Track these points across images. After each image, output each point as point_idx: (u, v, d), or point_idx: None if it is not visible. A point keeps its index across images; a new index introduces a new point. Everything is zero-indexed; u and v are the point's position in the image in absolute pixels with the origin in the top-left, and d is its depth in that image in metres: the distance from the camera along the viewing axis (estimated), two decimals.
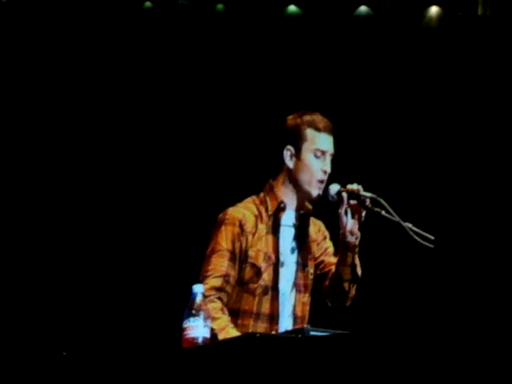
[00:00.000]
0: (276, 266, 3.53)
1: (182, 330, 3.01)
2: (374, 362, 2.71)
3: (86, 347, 4.91)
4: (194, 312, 3.01)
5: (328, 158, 3.55)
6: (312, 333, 2.84)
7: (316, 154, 3.53)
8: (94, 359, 3.43)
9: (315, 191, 3.53)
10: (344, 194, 3.48)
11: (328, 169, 3.54)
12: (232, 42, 5.78)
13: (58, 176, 5.40)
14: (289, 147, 3.57)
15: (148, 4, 5.82)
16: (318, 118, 3.56)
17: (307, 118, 3.56)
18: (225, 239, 3.49)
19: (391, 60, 5.86)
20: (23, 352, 4.97)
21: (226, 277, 3.46)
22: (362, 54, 5.85)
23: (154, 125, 5.61)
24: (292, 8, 5.96)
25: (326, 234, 3.71)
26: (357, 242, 3.52)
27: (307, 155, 3.54)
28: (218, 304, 3.43)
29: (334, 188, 3.51)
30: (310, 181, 3.53)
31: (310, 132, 3.54)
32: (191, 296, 3.04)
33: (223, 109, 5.58)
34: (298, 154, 3.55)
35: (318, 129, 3.54)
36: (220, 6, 5.89)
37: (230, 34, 5.79)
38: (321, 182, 3.52)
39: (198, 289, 3.04)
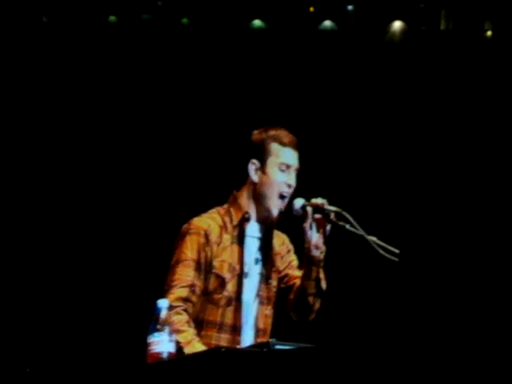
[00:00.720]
0: (240, 276, 3.52)
1: (146, 345, 2.99)
2: (339, 376, 2.71)
3: (49, 363, 4.87)
4: (158, 327, 2.99)
5: (293, 173, 3.56)
6: (278, 346, 2.84)
7: (281, 168, 3.54)
8: (60, 375, 3.40)
9: (275, 209, 3.53)
10: (309, 209, 3.49)
11: (293, 183, 3.55)
12: (197, 56, 5.78)
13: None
14: (254, 161, 3.57)
15: (112, 18, 5.81)
16: (283, 133, 3.57)
17: (272, 132, 3.57)
18: (190, 249, 3.47)
19: (355, 74, 5.90)
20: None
21: (192, 287, 3.45)
22: (327, 68, 5.88)
23: (124, 136, 5.60)
24: (257, 22, 5.98)
25: (291, 247, 3.71)
26: (322, 256, 3.52)
27: (272, 169, 3.54)
28: (184, 316, 3.41)
29: (299, 202, 3.52)
30: (273, 196, 3.53)
31: (274, 146, 3.55)
32: (155, 311, 3.02)
33: (189, 121, 5.58)
34: (262, 168, 3.55)
35: (282, 143, 3.55)
36: (185, 20, 5.90)
37: (195, 48, 5.80)
38: (283, 197, 3.52)
39: (163, 303, 3.03)
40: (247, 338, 3.51)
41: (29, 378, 3.90)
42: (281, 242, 3.68)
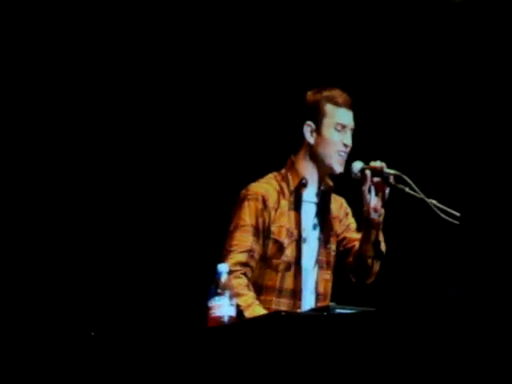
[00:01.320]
0: (298, 241, 3.53)
1: (207, 308, 3.02)
2: (400, 340, 2.71)
3: (111, 327, 4.94)
4: (219, 291, 3.02)
5: (348, 132, 3.55)
6: (337, 310, 2.84)
7: (336, 128, 3.54)
8: (120, 339, 3.44)
9: (337, 165, 3.54)
10: (367, 172, 3.48)
11: (349, 142, 3.55)
12: (248, 14, 5.73)
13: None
14: (309, 123, 3.57)
15: None
16: (338, 93, 3.56)
17: (326, 93, 3.57)
18: (248, 215, 3.50)
19: (414, 33, 5.78)
20: (50, 332, 5.01)
21: (250, 252, 3.47)
22: (383, 25, 5.78)
23: (165, 103, 5.59)
24: None
25: (348, 210, 3.71)
26: (381, 219, 3.52)
27: (328, 130, 3.54)
28: (244, 280, 3.43)
29: (357, 165, 3.51)
30: (331, 154, 3.54)
31: (329, 107, 3.54)
32: (216, 275, 3.05)
33: (242, 85, 5.55)
34: (318, 129, 3.55)
35: (337, 103, 3.54)
36: None
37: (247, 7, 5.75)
38: (342, 154, 3.52)
39: (223, 268, 3.05)
40: (307, 303, 3.52)
41: (93, 341, 3.95)
42: (338, 205, 3.68)
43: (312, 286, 3.57)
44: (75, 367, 3.58)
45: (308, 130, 3.56)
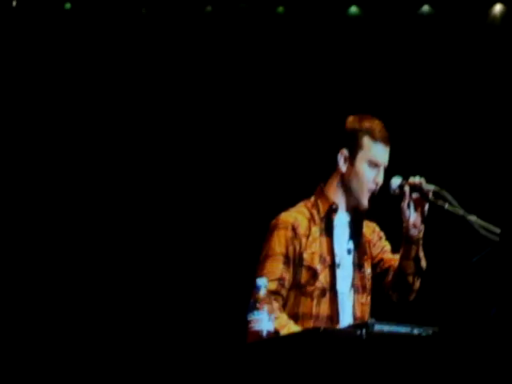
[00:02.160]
0: (332, 267, 3.51)
1: (246, 322, 3.03)
2: (441, 359, 2.69)
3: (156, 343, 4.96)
4: (257, 305, 3.02)
5: (381, 170, 3.52)
6: (376, 326, 2.83)
7: (370, 164, 3.51)
8: (164, 354, 3.46)
9: (365, 201, 3.51)
10: (406, 188, 3.46)
11: (380, 180, 3.51)
12: (292, 44, 5.78)
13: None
14: (344, 151, 3.55)
15: (209, 8, 5.86)
16: (377, 127, 3.52)
17: (366, 124, 3.52)
18: (278, 244, 3.49)
19: (454, 59, 5.80)
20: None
21: (280, 280, 3.45)
22: (425, 53, 5.80)
23: (195, 125, 5.63)
24: (353, 9, 5.95)
25: (382, 234, 3.68)
26: (420, 235, 3.49)
27: (361, 163, 3.51)
28: (276, 304, 3.40)
29: (396, 181, 3.48)
30: (361, 190, 3.51)
31: (366, 140, 3.51)
32: (254, 289, 3.05)
33: (277, 109, 5.57)
34: (352, 160, 3.53)
35: (375, 138, 3.50)
36: (280, 9, 5.91)
37: (289, 36, 5.80)
38: (372, 192, 3.50)
39: (262, 282, 3.06)
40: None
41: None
42: (371, 230, 3.66)
43: (349, 311, 3.54)
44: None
45: (342, 157, 3.54)
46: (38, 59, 5.52)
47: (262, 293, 3.04)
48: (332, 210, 3.54)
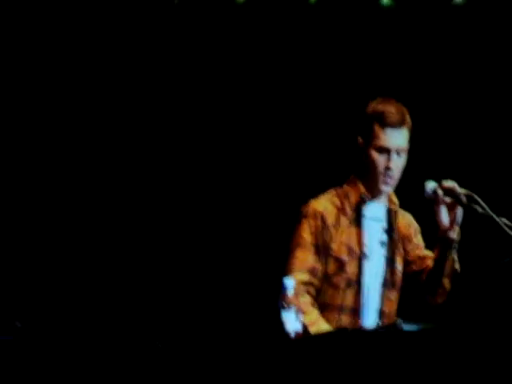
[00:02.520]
0: (360, 258, 3.50)
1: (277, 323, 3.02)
2: (466, 357, 2.68)
3: (176, 338, 4.96)
4: (285, 305, 3.02)
5: (393, 155, 3.46)
6: (404, 327, 2.82)
7: (379, 151, 3.48)
8: (188, 349, 3.47)
9: (382, 186, 3.49)
10: (439, 192, 3.44)
11: (392, 165, 3.46)
12: (321, 32, 5.73)
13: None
14: (359, 139, 3.54)
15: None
16: (387, 110, 3.47)
17: (377, 110, 3.49)
18: (307, 232, 3.48)
19: (490, 51, 5.70)
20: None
21: (312, 270, 3.45)
22: (459, 43, 5.72)
23: (212, 106, 5.59)
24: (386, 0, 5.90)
25: (417, 227, 3.65)
26: (455, 238, 3.48)
27: (371, 151, 3.49)
28: (308, 299, 3.42)
29: (430, 185, 3.47)
30: (376, 177, 3.48)
31: (376, 127, 3.47)
32: (282, 289, 3.05)
33: (309, 97, 5.53)
34: (365, 148, 3.51)
35: (384, 124, 3.46)
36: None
37: (321, 25, 5.75)
38: (386, 176, 3.47)
39: (289, 282, 3.05)
40: (368, 321, 3.48)
41: (160, 352, 3.98)
42: (406, 222, 3.63)
43: (375, 305, 3.52)
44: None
45: (358, 146, 3.54)
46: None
47: (290, 293, 3.04)
48: (362, 200, 3.53)
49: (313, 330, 3.30)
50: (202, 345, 4.54)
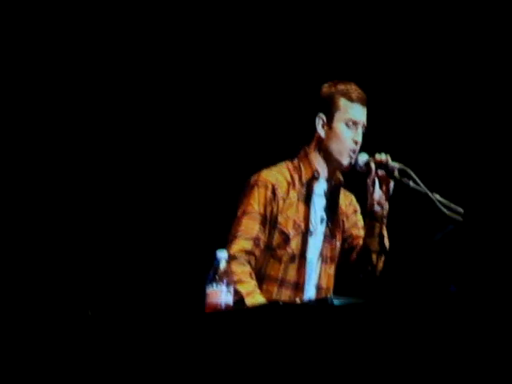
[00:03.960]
0: (305, 234, 3.51)
1: (204, 295, 3.01)
2: (398, 333, 2.70)
3: (109, 306, 4.93)
4: (217, 278, 3.00)
5: (360, 129, 3.52)
6: (336, 302, 2.82)
7: (348, 124, 3.51)
8: (116, 321, 3.43)
9: (346, 160, 3.51)
10: (372, 164, 3.45)
11: (359, 139, 3.51)
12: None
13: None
14: (321, 115, 3.55)
15: None
16: (352, 88, 3.53)
17: (341, 87, 3.54)
18: (257, 202, 3.48)
19: (428, 25, 5.71)
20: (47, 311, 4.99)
21: (256, 240, 3.46)
22: (399, 19, 5.71)
23: (177, 96, 5.57)
24: None
25: (357, 207, 3.68)
26: (384, 213, 3.49)
27: (339, 124, 3.51)
28: (247, 268, 3.42)
29: (362, 158, 3.48)
30: (341, 150, 3.50)
31: (343, 101, 3.52)
32: (214, 261, 3.03)
33: (259, 73, 5.51)
34: (329, 123, 3.53)
35: (351, 99, 3.51)
36: None
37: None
38: (352, 151, 3.49)
39: (222, 254, 3.03)
40: (309, 296, 3.50)
41: (90, 320, 3.94)
42: (348, 201, 3.66)
43: (315, 280, 3.56)
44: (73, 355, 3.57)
45: (320, 122, 3.54)
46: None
47: (222, 265, 3.02)
48: (314, 177, 3.54)
49: (248, 300, 3.31)
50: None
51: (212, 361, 2.87)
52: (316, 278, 3.55)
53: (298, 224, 3.50)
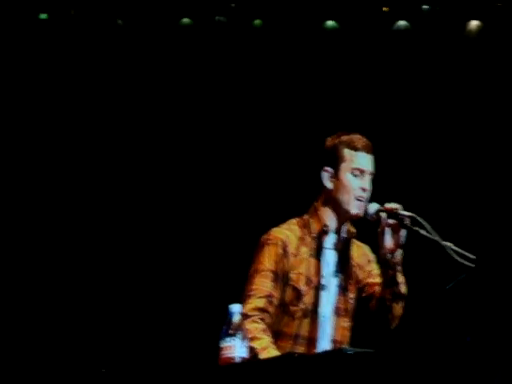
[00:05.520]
0: (317, 289, 3.50)
1: (219, 349, 2.99)
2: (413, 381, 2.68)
3: (121, 363, 4.91)
4: (230, 332, 2.99)
5: (367, 177, 3.51)
6: (349, 352, 2.81)
7: (354, 173, 3.50)
8: (132, 375, 3.42)
9: (354, 209, 3.50)
10: (383, 214, 3.44)
11: (367, 187, 3.50)
12: (270, 58, 5.75)
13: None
14: (327, 168, 3.55)
15: (186, 20, 5.82)
16: (356, 138, 3.54)
17: (345, 137, 3.54)
18: (268, 259, 3.47)
19: (430, 75, 5.79)
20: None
21: (269, 297, 3.44)
22: (400, 68, 5.79)
23: (191, 142, 5.61)
24: (330, 23, 5.94)
25: (372, 257, 3.64)
26: (397, 261, 3.47)
27: (345, 175, 3.51)
28: (261, 325, 3.40)
29: (373, 207, 3.48)
30: (349, 200, 3.50)
31: (347, 152, 3.52)
32: (228, 315, 3.02)
33: (266, 129, 5.55)
34: (336, 175, 3.53)
35: (355, 148, 3.51)
36: (258, 22, 5.89)
37: (268, 50, 5.77)
38: (360, 199, 3.49)
39: (236, 308, 3.02)
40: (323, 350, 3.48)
41: (103, 378, 3.93)
42: (361, 252, 3.64)
43: (329, 334, 3.52)
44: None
45: (326, 176, 3.54)
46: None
47: (235, 319, 3.01)
48: (324, 231, 3.54)
49: (263, 355, 3.28)
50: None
51: None
52: (330, 332, 3.52)
53: (309, 279, 3.49)
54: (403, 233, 3.43)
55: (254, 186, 5.45)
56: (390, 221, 3.43)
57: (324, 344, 3.49)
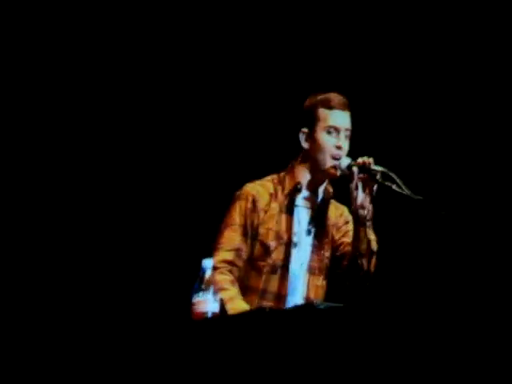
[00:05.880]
0: (288, 245, 3.53)
1: (191, 304, 3.01)
2: (384, 334, 2.71)
3: (93, 317, 4.92)
4: (203, 287, 3.01)
5: (342, 134, 3.53)
6: (322, 307, 2.83)
7: (329, 131, 3.53)
8: (102, 330, 3.44)
9: (329, 167, 3.52)
10: (354, 168, 3.46)
11: (342, 144, 3.52)
12: (248, 19, 5.69)
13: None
14: (303, 129, 3.58)
15: None
16: (331, 96, 3.56)
17: (320, 97, 3.57)
18: (238, 214, 3.53)
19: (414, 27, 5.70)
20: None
21: (237, 251, 3.50)
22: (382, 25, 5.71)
23: (175, 102, 5.57)
24: None
25: (349, 218, 3.66)
26: (368, 216, 3.50)
27: (320, 134, 3.54)
28: (229, 277, 3.46)
29: (345, 161, 3.50)
30: (324, 158, 3.53)
31: (322, 111, 3.54)
32: (200, 270, 3.04)
33: (250, 90, 5.52)
34: (312, 135, 3.55)
35: (330, 107, 3.54)
36: None
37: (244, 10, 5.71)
38: (336, 157, 3.51)
39: (208, 264, 3.05)
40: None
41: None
42: (339, 213, 3.67)
43: (301, 292, 3.57)
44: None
45: (303, 136, 3.57)
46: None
47: (208, 274, 3.03)
48: (296, 189, 3.57)
49: (229, 305, 3.33)
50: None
51: (201, 368, 2.88)
52: (304, 289, 3.56)
53: (279, 235, 3.53)
54: (375, 187, 3.45)
55: (239, 144, 5.43)
56: (362, 175, 3.45)
57: (295, 301, 3.53)
